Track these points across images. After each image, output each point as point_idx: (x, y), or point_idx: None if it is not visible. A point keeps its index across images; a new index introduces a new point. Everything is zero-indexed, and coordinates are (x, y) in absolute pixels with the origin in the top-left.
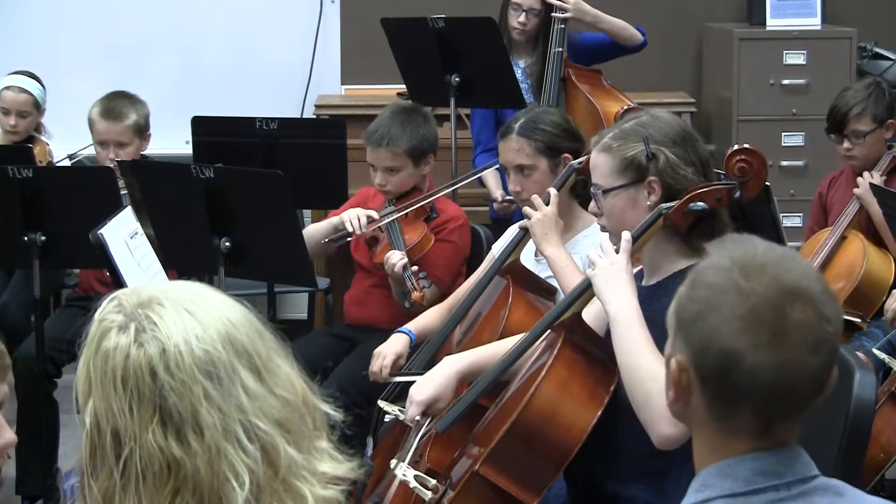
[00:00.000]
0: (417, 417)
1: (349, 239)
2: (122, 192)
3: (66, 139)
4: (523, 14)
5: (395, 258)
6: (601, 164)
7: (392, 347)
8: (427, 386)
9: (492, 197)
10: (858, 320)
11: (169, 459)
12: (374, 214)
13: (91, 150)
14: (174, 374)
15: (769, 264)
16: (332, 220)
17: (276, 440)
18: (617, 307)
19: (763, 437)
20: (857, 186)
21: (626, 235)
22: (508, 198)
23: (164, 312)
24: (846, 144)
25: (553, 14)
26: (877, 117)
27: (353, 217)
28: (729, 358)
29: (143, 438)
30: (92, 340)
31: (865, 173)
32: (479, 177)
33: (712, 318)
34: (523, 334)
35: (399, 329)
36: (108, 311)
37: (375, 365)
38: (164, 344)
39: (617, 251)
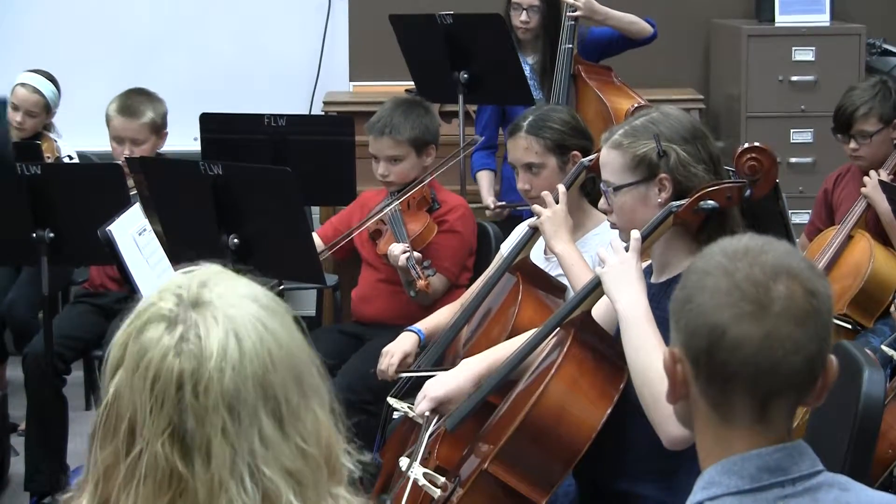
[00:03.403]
0: (427, 413)
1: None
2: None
3: (75, 137)
4: (524, 12)
5: (398, 250)
6: (612, 161)
7: (400, 346)
8: (443, 384)
9: (483, 203)
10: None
11: (172, 472)
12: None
13: (95, 148)
14: (199, 397)
15: (752, 247)
16: None
17: (281, 489)
18: (626, 306)
19: (760, 422)
20: (864, 185)
21: (635, 234)
22: (500, 203)
23: (212, 328)
24: (852, 145)
25: (565, 15)
26: (883, 117)
27: None
28: (714, 332)
29: (154, 445)
30: (141, 315)
31: (872, 172)
32: (475, 175)
33: (698, 298)
34: (534, 330)
35: (409, 328)
36: (168, 289)
37: (383, 363)
38: (200, 364)
39: (627, 249)
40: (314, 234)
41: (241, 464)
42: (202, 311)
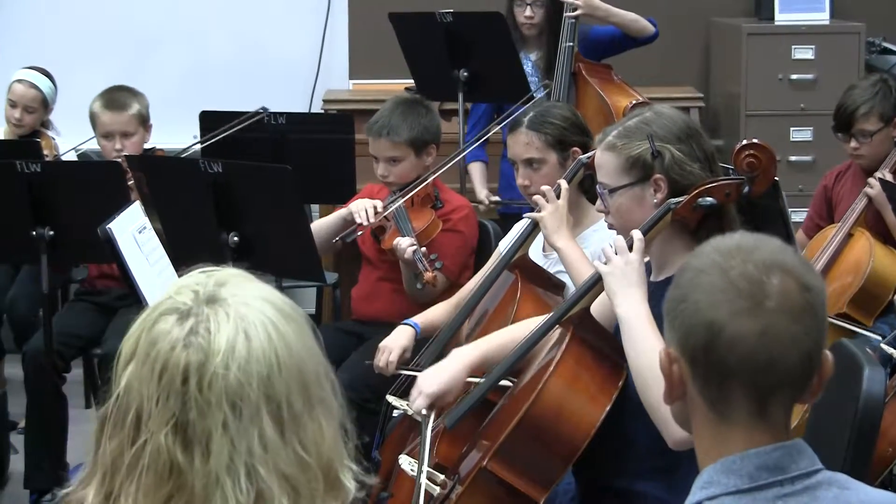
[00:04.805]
0: (424, 410)
1: (360, 233)
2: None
3: (73, 135)
4: (528, 7)
5: (405, 243)
6: (606, 163)
7: (398, 341)
8: (436, 378)
9: (477, 198)
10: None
11: (172, 465)
12: (380, 205)
13: (94, 146)
14: (203, 391)
15: (745, 244)
16: (340, 213)
17: (275, 492)
18: (628, 308)
19: (758, 419)
20: (866, 184)
21: (637, 234)
22: (495, 199)
23: (223, 324)
24: (853, 144)
25: (565, 13)
26: (884, 116)
27: (360, 209)
28: (711, 330)
29: (158, 436)
30: (156, 308)
31: (878, 173)
32: (467, 166)
33: (693, 296)
34: (532, 324)
35: (404, 322)
36: (186, 285)
37: (382, 359)
38: (208, 358)
39: (629, 248)
40: (316, 222)
41: (239, 462)
42: (215, 308)
